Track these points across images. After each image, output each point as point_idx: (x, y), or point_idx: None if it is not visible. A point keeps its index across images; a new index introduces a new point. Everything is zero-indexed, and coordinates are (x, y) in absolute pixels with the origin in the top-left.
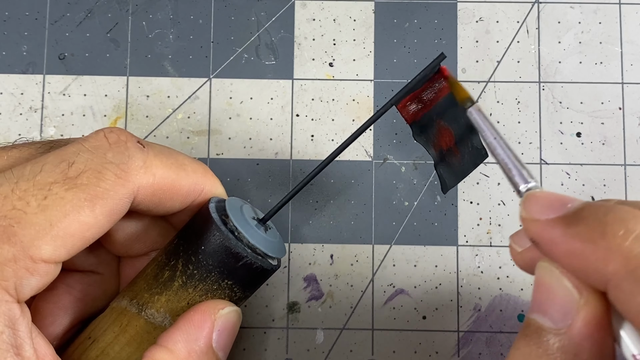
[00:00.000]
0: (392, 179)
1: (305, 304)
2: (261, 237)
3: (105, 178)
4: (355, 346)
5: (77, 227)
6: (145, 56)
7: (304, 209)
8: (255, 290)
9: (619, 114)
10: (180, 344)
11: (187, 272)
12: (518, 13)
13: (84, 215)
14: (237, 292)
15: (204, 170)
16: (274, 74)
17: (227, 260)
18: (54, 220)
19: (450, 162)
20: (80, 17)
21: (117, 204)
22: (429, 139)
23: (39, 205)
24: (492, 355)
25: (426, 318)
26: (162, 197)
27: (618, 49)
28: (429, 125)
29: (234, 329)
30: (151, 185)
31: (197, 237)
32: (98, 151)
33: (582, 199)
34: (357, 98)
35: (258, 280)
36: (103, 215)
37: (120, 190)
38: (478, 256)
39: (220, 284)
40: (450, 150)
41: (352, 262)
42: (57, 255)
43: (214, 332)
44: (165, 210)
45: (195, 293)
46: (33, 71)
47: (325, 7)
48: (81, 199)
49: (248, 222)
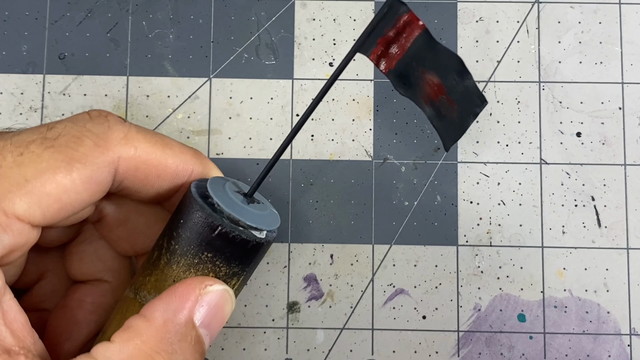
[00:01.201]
0: (392, 179)
1: (305, 303)
2: (242, 209)
3: (84, 144)
4: (355, 346)
5: (53, 187)
6: (145, 56)
7: (304, 209)
8: (245, 267)
9: (619, 114)
10: (158, 312)
11: (170, 248)
12: (518, 13)
13: (60, 177)
14: (221, 267)
15: (194, 153)
16: (274, 73)
17: (202, 231)
18: (29, 176)
19: (446, 114)
20: (80, 17)
21: (95, 171)
22: (416, 91)
23: (15, 160)
24: (492, 355)
25: (426, 318)
26: (148, 174)
27: (618, 49)
28: (411, 75)
29: (221, 308)
30: (133, 158)
31: (177, 212)
32: (78, 121)
33: (582, 199)
34: (357, 98)
35: (243, 254)
36: (81, 181)
37: (98, 157)
38: (478, 256)
39: (201, 257)
40: (443, 101)
41: (352, 262)
42: (31, 213)
43: (197, 306)
44: (155, 190)
45: (179, 269)
46: (33, 71)
47: (325, 7)
48: (58, 159)
49: (229, 195)
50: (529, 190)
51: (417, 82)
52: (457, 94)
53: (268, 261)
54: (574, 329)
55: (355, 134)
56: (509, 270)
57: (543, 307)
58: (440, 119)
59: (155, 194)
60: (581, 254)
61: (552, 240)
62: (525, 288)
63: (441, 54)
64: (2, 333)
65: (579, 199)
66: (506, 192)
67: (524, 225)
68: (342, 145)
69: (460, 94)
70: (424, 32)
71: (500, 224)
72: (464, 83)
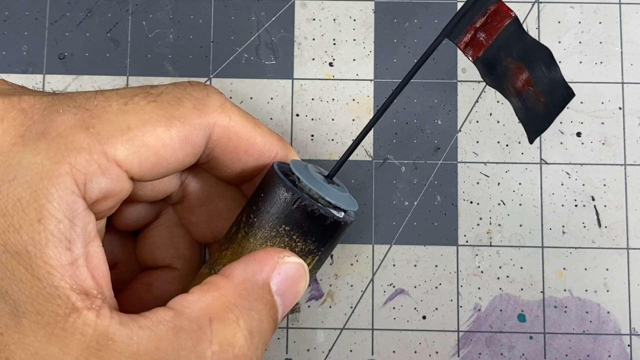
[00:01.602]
0: (392, 179)
1: (305, 304)
2: (323, 186)
3: (184, 104)
4: (355, 346)
5: (153, 140)
6: (145, 56)
7: None
8: (321, 245)
9: (619, 114)
10: (237, 271)
11: (248, 221)
12: (518, 13)
13: (160, 130)
14: (297, 242)
15: (280, 137)
16: (274, 73)
17: (282, 204)
18: (132, 124)
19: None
20: (80, 17)
21: (192, 132)
22: (502, 81)
23: (120, 108)
24: (492, 355)
25: (426, 318)
26: (238, 147)
27: (618, 49)
28: (497, 64)
29: (297, 281)
30: (227, 127)
31: (258, 188)
32: (179, 85)
33: (582, 198)
34: (357, 98)
35: (320, 231)
36: (178, 138)
37: (196, 119)
38: (478, 256)
39: (278, 230)
40: (530, 93)
41: (352, 262)
42: (130, 161)
43: (274, 272)
44: (240, 166)
45: (255, 242)
46: (33, 71)
47: (325, 7)
48: (159, 114)
49: (311, 173)
50: (529, 190)
51: (504, 72)
52: (544, 86)
53: None
54: (574, 329)
55: (355, 134)
56: (509, 270)
57: (543, 307)
58: (526, 111)
59: (239, 171)
60: (581, 254)
61: (552, 240)
62: (525, 288)
63: (530, 44)
64: (83, 274)
65: (579, 199)
66: (506, 192)
67: (524, 225)
68: (342, 145)
69: (548, 86)
70: (514, 21)
71: (500, 224)
72: (551, 75)
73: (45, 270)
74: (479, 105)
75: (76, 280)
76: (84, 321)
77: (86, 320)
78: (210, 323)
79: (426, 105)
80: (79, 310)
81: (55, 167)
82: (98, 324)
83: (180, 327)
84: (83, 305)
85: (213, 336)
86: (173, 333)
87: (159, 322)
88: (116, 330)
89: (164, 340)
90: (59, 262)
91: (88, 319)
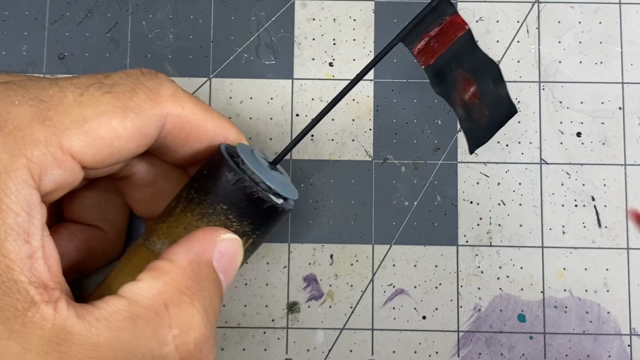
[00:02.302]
0: (392, 179)
1: (305, 304)
2: (265, 171)
3: (138, 95)
4: (355, 346)
5: (108, 132)
6: (145, 56)
7: (304, 209)
8: (256, 229)
9: (619, 114)
10: (181, 254)
11: (188, 196)
12: (518, 13)
13: (115, 122)
14: (233, 222)
15: (229, 121)
16: (274, 73)
17: (222, 182)
18: (88, 116)
19: (476, 118)
20: (80, 17)
21: (146, 123)
22: (450, 90)
23: (75, 99)
24: (492, 355)
25: (426, 318)
26: (190, 133)
27: (618, 49)
28: (447, 73)
29: (234, 256)
30: (179, 116)
31: (202, 166)
32: (132, 75)
33: (582, 198)
34: (357, 98)
35: (257, 214)
36: (132, 129)
37: (150, 110)
38: (478, 256)
39: (216, 207)
40: (476, 105)
41: (352, 262)
42: (84, 153)
43: (214, 250)
44: (193, 151)
45: (192, 217)
46: (33, 71)
47: (325, 6)
48: (115, 105)
49: (255, 157)
50: (529, 190)
51: (453, 82)
52: (489, 101)
53: (268, 261)
54: (574, 329)
55: (355, 134)
56: (509, 270)
57: (543, 307)
58: (470, 122)
59: (189, 156)
60: (581, 254)
61: (552, 240)
62: (525, 288)
63: (480, 59)
64: (41, 267)
65: (579, 199)
66: (506, 192)
67: (524, 225)
68: (342, 145)
69: (493, 101)
70: (467, 34)
71: (500, 224)
72: (497, 90)
73: (4, 265)
74: None
75: (34, 273)
76: (42, 315)
77: (44, 315)
78: (167, 308)
79: (426, 105)
80: (37, 305)
81: (13, 161)
82: (56, 317)
83: (137, 315)
84: (41, 299)
85: (172, 320)
86: (131, 321)
87: (114, 312)
88: (74, 324)
89: (123, 329)
90: (17, 256)
91: (46, 314)
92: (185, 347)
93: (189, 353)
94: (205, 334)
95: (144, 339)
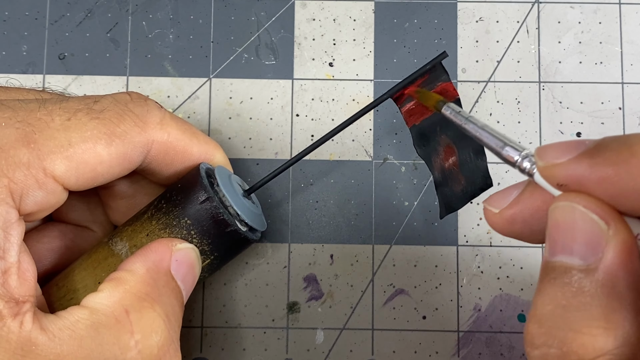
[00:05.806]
0: (392, 179)
1: (305, 304)
2: (237, 198)
3: (125, 122)
4: (355, 346)
5: (92, 157)
6: (145, 56)
7: (304, 209)
8: (215, 250)
9: (619, 114)
10: (138, 264)
11: (158, 205)
12: (518, 13)
13: (100, 148)
14: (193, 238)
15: (216, 145)
16: (274, 74)
17: (192, 198)
18: (73, 141)
19: (451, 185)
20: (80, 17)
21: (131, 149)
22: (431, 154)
23: (62, 124)
24: (492, 355)
25: (426, 318)
26: (175, 159)
27: (618, 49)
28: (431, 137)
29: (193, 265)
30: (165, 143)
31: (180, 180)
32: (120, 100)
33: None
34: (357, 98)
35: (218, 235)
36: (117, 155)
37: (136, 137)
38: (478, 256)
39: (180, 220)
40: (453, 173)
41: (352, 262)
42: (67, 177)
43: (172, 259)
44: (176, 172)
45: (157, 225)
46: (33, 71)
47: (325, 7)
48: (101, 131)
49: (230, 182)
50: None
51: (435, 146)
52: (467, 171)
53: (268, 261)
54: None
55: (355, 134)
56: (509, 270)
57: None
58: (445, 187)
59: (174, 177)
60: None
61: None
62: (526, 288)
63: None
64: (14, 282)
65: None
66: None
67: None
68: (342, 145)
69: (470, 172)
70: (456, 102)
71: None
72: (477, 162)
73: None
74: (479, 105)
75: (7, 289)
76: (8, 329)
77: (10, 328)
78: (128, 314)
79: None
80: (5, 319)
81: None
82: (21, 330)
83: (99, 323)
84: (9, 313)
85: (133, 326)
86: (93, 329)
87: (76, 321)
88: (38, 335)
89: (86, 338)
90: None
91: (12, 327)
92: (149, 352)
93: (152, 357)
94: (168, 337)
95: (106, 346)
